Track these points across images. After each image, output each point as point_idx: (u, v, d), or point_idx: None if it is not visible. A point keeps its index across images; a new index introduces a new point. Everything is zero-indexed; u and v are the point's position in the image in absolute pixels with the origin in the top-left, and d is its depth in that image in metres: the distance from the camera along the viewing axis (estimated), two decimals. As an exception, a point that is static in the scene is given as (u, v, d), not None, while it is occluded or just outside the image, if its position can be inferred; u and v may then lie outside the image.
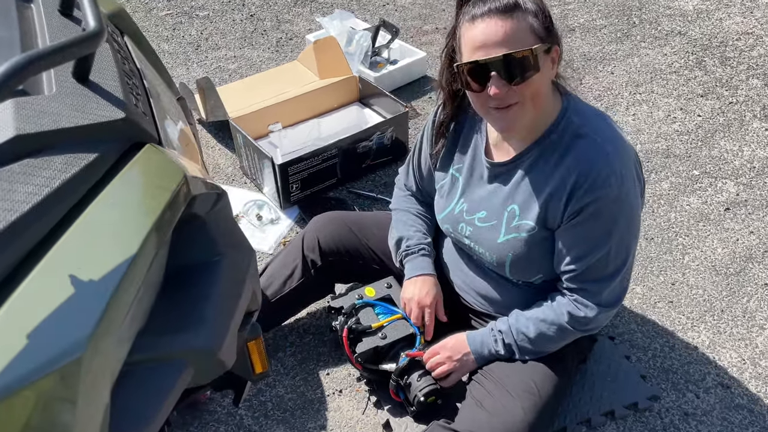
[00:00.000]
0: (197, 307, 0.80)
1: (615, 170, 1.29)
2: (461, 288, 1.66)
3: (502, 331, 1.51)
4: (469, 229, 1.52)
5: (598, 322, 1.47)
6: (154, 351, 0.72)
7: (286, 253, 1.79)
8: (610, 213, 1.32)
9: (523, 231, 1.42)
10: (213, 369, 0.79)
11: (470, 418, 1.43)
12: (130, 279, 0.65)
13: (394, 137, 2.42)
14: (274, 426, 1.69)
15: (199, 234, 0.90)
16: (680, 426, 1.66)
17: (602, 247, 1.35)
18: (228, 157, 2.59)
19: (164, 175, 0.78)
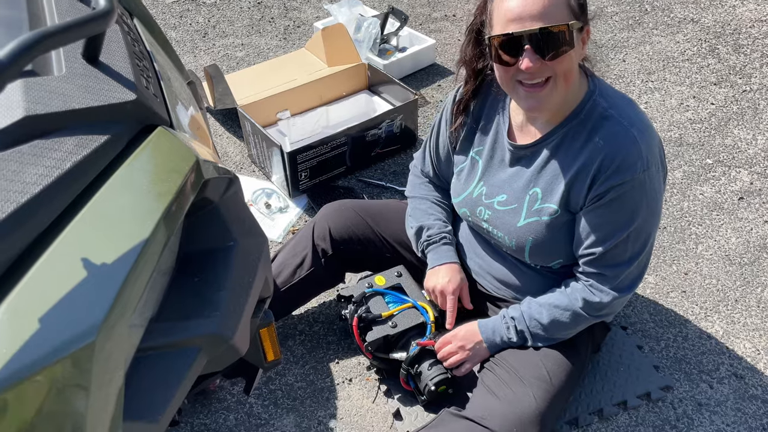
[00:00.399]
0: (210, 294, 0.78)
1: (641, 154, 1.27)
2: (477, 273, 1.64)
3: (514, 317, 1.49)
4: (488, 212, 1.50)
5: (613, 308, 1.45)
6: (167, 337, 0.71)
7: (296, 242, 1.77)
8: (634, 198, 1.30)
9: (545, 215, 1.40)
10: (227, 355, 0.78)
11: (481, 405, 1.42)
12: (143, 264, 0.63)
13: (404, 125, 2.39)
14: (283, 414, 1.68)
15: (211, 219, 0.88)
16: (693, 416, 1.65)
17: (623, 231, 1.33)
18: (236, 145, 2.57)
19: (176, 159, 0.76)
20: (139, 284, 0.64)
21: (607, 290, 1.41)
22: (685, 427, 1.62)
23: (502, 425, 1.34)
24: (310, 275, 1.72)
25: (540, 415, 1.37)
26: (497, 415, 1.37)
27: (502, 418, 1.36)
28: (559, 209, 1.38)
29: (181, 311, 0.75)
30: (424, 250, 1.66)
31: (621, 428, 1.62)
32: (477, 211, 1.52)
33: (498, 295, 1.62)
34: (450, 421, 1.42)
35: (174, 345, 0.71)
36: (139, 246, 0.62)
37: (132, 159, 0.72)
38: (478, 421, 1.37)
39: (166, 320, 0.73)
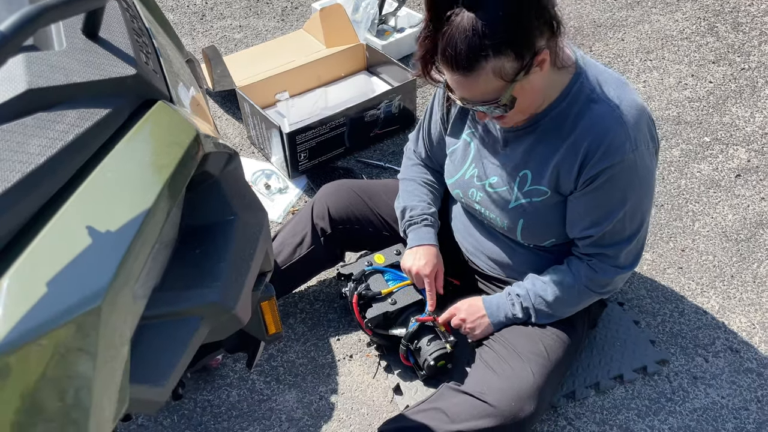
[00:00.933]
0: (212, 265, 0.80)
1: (629, 136, 1.28)
2: (471, 253, 1.66)
3: (519, 294, 1.52)
4: (480, 194, 1.51)
5: (616, 283, 1.48)
6: (170, 306, 0.73)
7: (295, 222, 1.79)
8: (625, 179, 1.32)
9: (536, 196, 1.41)
10: (228, 325, 0.79)
11: (480, 380, 1.44)
12: (146, 233, 0.65)
13: (402, 106, 2.40)
14: (285, 390, 1.71)
15: (213, 193, 0.90)
16: (689, 389, 1.67)
17: (617, 212, 1.35)
18: (235, 126, 2.58)
19: (176, 132, 0.77)
20: (143, 252, 0.66)
21: (609, 267, 1.43)
22: (681, 400, 1.65)
23: (501, 399, 1.37)
24: (310, 254, 1.74)
25: (538, 389, 1.39)
26: (496, 389, 1.39)
27: (500, 392, 1.38)
28: (549, 191, 1.39)
29: (183, 281, 0.77)
30: (405, 230, 1.67)
31: (617, 401, 1.65)
32: (469, 193, 1.54)
33: (492, 275, 1.63)
34: (449, 396, 1.45)
35: (177, 314, 0.72)
36: (141, 215, 0.64)
37: (133, 132, 0.73)
38: (477, 396, 1.39)
39: (169, 290, 0.75)
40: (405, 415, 1.47)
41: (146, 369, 0.67)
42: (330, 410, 1.66)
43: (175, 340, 0.71)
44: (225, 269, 0.79)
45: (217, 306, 0.75)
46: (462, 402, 1.41)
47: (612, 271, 1.43)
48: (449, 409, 1.41)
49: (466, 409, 1.39)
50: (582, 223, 1.39)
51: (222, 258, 0.81)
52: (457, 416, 1.39)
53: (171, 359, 0.69)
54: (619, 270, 1.44)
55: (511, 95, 1.20)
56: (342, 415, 1.65)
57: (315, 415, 1.65)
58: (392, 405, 1.67)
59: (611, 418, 1.62)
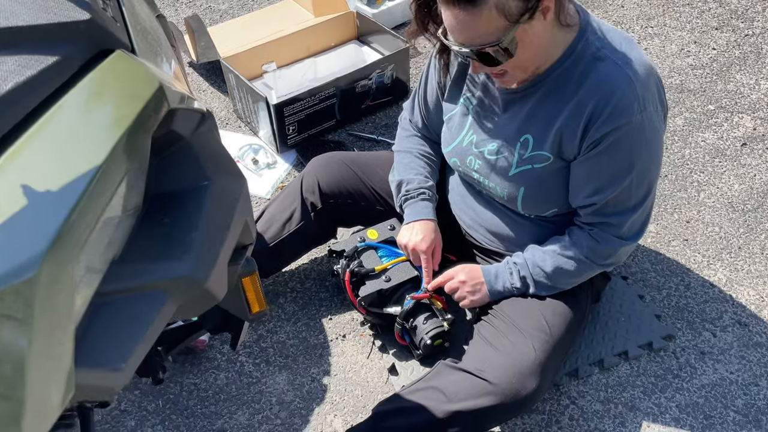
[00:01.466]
0: (182, 235, 0.71)
1: (637, 96, 1.19)
2: (469, 226, 1.58)
3: (517, 263, 1.44)
4: (478, 162, 1.43)
5: (619, 256, 1.40)
6: (132, 280, 0.64)
7: (284, 196, 1.70)
8: (632, 143, 1.23)
9: (537, 162, 1.33)
10: (201, 301, 0.71)
11: (479, 356, 1.37)
12: (95, 195, 0.56)
13: (395, 76, 2.30)
14: (276, 372, 1.63)
15: (183, 157, 0.81)
16: (696, 365, 1.61)
17: (623, 178, 1.26)
18: (221, 100, 2.47)
19: (136, 83, 0.68)
20: (90, 216, 0.57)
21: (612, 238, 1.35)
22: (688, 376, 1.58)
23: (501, 377, 1.29)
24: (300, 230, 1.66)
25: (540, 365, 1.32)
26: (495, 366, 1.32)
27: (500, 369, 1.31)
28: (552, 156, 1.31)
29: (148, 253, 0.68)
30: (402, 205, 1.59)
31: (622, 378, 1.58)
32: (467, 161, 1.45)
33: (491, 248, 1.55)
34: (446, 373, 1.38)
35: (140, 288, 0.64)
36: (89, 174, 0.55)
37: (85, 82, 0.64)
38: (476, 373, 1.32)
39: (132, 262, 0.66)
40: (400, 395, 1.40)
41: (102, 351, 0.58)
42: (322, 392, 1.59)
43: (136, 319, 0.62)
44: (196, 239, 0.70)
45: (187, 279, 0.67)
46: (460, 380, 1.34)
47: (615, 241, 1.36)
48: (446, 387, 1.34)
49: (465, 387, 1.32)
50: (585, 189, 1.31)
51: (193, 227, 0.72)
52: (454, 395, 1.32)
53: (131, 340, 0.60)
54: (623, 241, 1.36)
55: (514, 38, 1.11)
56: (335, 397, 1.58)
57: (307, 397, 1.58)
58: (387, 386, 1.60)
59: (616, 396, 1.55)
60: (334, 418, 1.54)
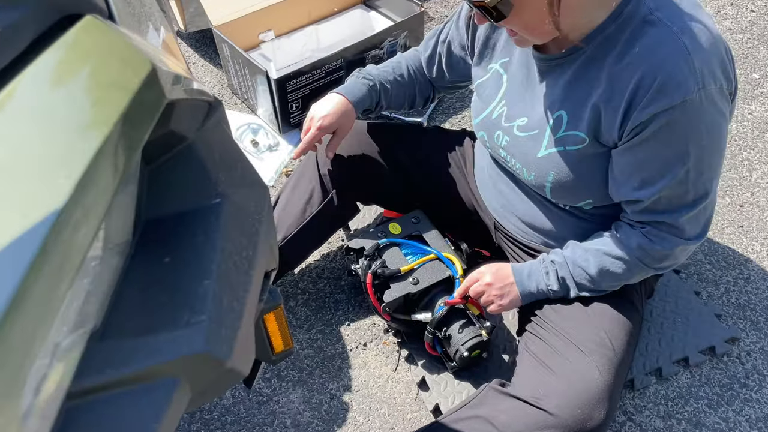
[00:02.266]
0: (188, 283, 0.50)
1: (694, 70, 0.96)
2: (500, 214, 1.37)
3: (555, 262, 1.22)
4: (506, 138, 1.22)
5: (677, 258, 1.17)
6: (123, 367, 0.43)
7: (299, 175, 1.48)
8: (687, 127, 1.00)
9: (571, 144, 1.12)
10: (222, 381, 0.50)
11: (533, 381, 1.17)
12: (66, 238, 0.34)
13: (408, 44, 2.06)
14: (289, 389, 1.43)
15: (186, 166, 0.59)
16: (765, 371, 1.42)
17: (677, 171, 1.04)
18: (214, 74, 2.22)
19: (118, 66, 0.45)
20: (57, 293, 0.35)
21: (669, 237, 1.13)
22: (756, 385, 1.40)
23: (563, 406, 1.09)
24: (323, 211, 1.44)
25: (608, 390, 1.11)
26: (555, 393, 1.11)
27: (561, 397, 1.10)
28: (588, 138, 1.09)
29: (143, 319, 0.46)
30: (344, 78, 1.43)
31: (683, 389, 1.40)
32: (495, 136, 1.25)
33: (524, 241, 1.34)
34: (495, 400, 1.17)
35: (135, 379, 0.43)
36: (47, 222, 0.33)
37: (38, 66, 0.41)
38: (532, 402, 1.12)
39: (120, 337, 0.45)
40: (441, 425, 1.20)
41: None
42: (344, 412, 1.39)
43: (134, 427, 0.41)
44: (211, 290, 0.49)
45: (202, 357, 0.45)
46: (512, 409, 1.14)
47: (672, 240, 1.13)
48: (496, 418, 1.14)
49: (519, 417, 1.12)
50: (630, 183, 1.09)
51: (206, 271, 0.50)
52: (507, 427, 1.12)
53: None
54: (682, 240, 1.13)
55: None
56: (359, 418, 1.38)
57: (326, 418, 1.38)
58: (417, 403, 1.40)
59: (678, 411, 1.37)
60: (358, 442, 1.35)
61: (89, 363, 0.42)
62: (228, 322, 0.48)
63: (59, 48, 0.44)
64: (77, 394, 0.40)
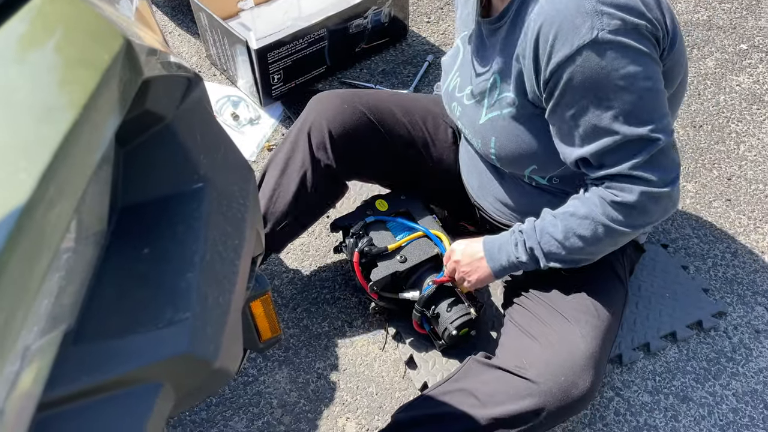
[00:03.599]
0: (170, 277, 0.46)
1: (586, 12, 0.91)
2: (477, 193, 1.35)
3: (523, 231, 1.15)
4: (459, 108, 1.24)
5: (647, 210, 1.04)
6: (100, 373, 0.39)
7: (286, 155, 1.37)
8: (595, 73, 0.94)
9: (505, 107, 1.11)
10: (209, 384, 0.47)
11: (516, 350, 1.15)
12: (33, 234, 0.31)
13: (392, 14, 2.00)
14: (275, 369, 1.41)
15: (164, 148, 0.55)
16: (751, 346, 1.43)
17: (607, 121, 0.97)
18: (191, 44, 2.14)
19: (88, 39, 0.41)
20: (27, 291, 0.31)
21: (628, 186, 1.02)
22: (743, 359, 1.41)
23: (546, 374, 1.07)
24: (314, 193, 1.36)
25: (593, 357, 1.09)
26: (539, 362, 1.09)
27: (544, 365, 1.08)
28: (517, 99, 1.08)
29: (121, 318, 0.43)
30: None
31: (671, 364, 1.40)
32: (452, 107, 1.26)
33: (502, 220, 1.31)
34: (478, 372, 1.16)
35: (113, 385, 0.39)
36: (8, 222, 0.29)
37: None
38: (515, 371, 1.10)
39: (96, 338, 0.41)
40: (424, 399, 1.18)
41: None
42: (331, 391, 1.37)
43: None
44: (194, 284, 0.45)
45: (186, 359, 0.42)
46: (495, 379, 1.12)
47: (633, 189, 1.02)
48: (479, 389, 1.13)
49: (502, 388, 1.10)
50: (569, 143, 1.03)
51: (188, 263, 0.47)
52: (490, 398, 1.10)
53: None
54: (645, 187, 1.01)
55: None
56: (346, 397, 1.37)
57: (313, 398, 1.36)
58: (405, 381, 1.39)
59: (665, 386, 1.37)
60: (346, 422, 1.34)
61: (63, 369, 0.38)
62: (214, 319, 0.45)
63: (21, 20, 0.39)
64: (50, 403, 0.37)
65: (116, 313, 0.43)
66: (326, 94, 1.40)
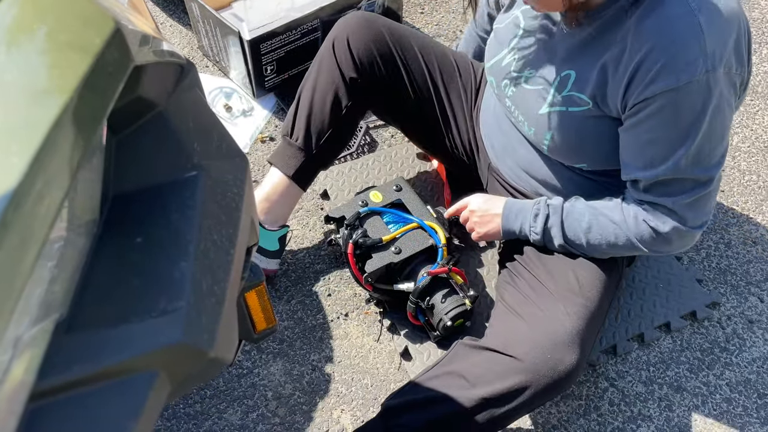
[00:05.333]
0: (163, 266, 0.45)
1: (705, 50, 0.92)
2: (498, 155, 1.35)
3: (551, 205, 1.20)
4: (512, 88, 1.21)
5: (672, 243, 1.11)
6: (93, 362, 0.38)
7: (316, 74, 1.41)
8: (690, 109, 0.97)
9: (574, 105, 1.09)
10: (205, 371, 0.46)
11: (503, 330, 1.16)
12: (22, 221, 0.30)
13: (386, 5, 1.98)
14: (270, 361, 1.40)
15: (156, 135, 0.54)
16: (745, 336, 1.43)
17: (678, 155, 1.01)
18: (183, 35, 2.12)
19: (79, 24, 0.40)
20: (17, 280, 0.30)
21: (665, 218, 1.09)
22: (737, 349, 1.41)
23: (532, 352, 1.07)
24: (348, 112, 1.40)
25: (578, 335, 1.09)
26: (523, 339, 1.10)
27: (529, 342, 1.09)
28: (591, 102, 1.07)
29: (113, 308, 0.42)
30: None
31: (665, 354, 1.40)
32: (503, 84, 1.24)
33: (516, 185, 1.32)
34: (466, 355, 1.17)
35: (107, 375, 0.38)
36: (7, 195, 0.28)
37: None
38: (500, 350, 1.10)
39: (88, 328, 0.40)
40: (413, 386, 1.18)
41: None
42: (326, 383, 1.37)
43: (108, 426, 0.37)
44: (189, 273, 0.45)
45: (181, 348, 0.41)
46: (483, 361, 1.12)
47: (669, 222, 1.09)
48: (467, 370, 1.13)
49: (489, 367, 1.11)
50: (635, 163, 1.07)
51: (182, 252, 0.46)
52: (478, 378, 1.11)
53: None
54: (680, 225, 1.08)
55: None
56: (341, 389, 1.36)
57: (308, 390, 1.36)
58: (401, 372, 1.39)
59: (659, 376, 1.37)
60: (341, 414, 1.33)
61: (55, 358, 0.38)
62: (209, 309, 0.44)
63: (10, 4, 0.38)
64: (42, 393, 0.36)
65: (109, 302, 0.42)
66: (352, 14, 1.45)
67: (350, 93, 1.39)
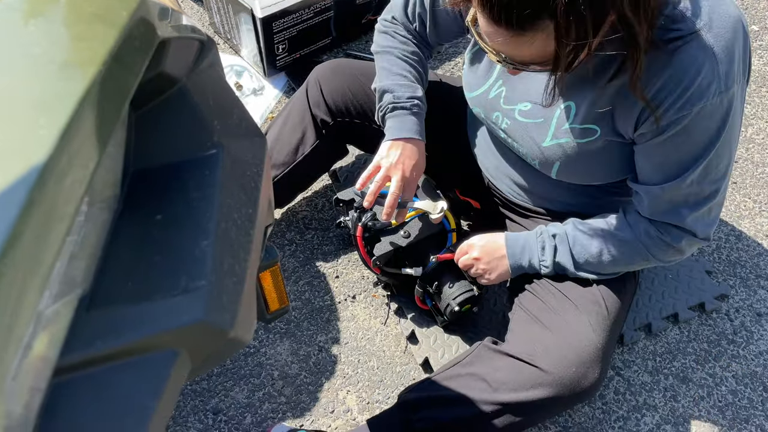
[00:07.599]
0: (184, 243, 0.45)
1: (719, 74, 0.89)
2: (493, 175, 1.31)
3: (556, 236, 1.16)
4: (506, 121, 1.14)
5: (683, 252, 1.11)
6: (115, 339, 0.38)
7: (289, 113, 1.43)
8: (704, 129, 0.95)
9: (581, 137, 1.04)
10: (222, 352, 0.46)
11: (528, 338, 1.14)
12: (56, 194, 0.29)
13: None
14: (277, 341, 1.40)
15: (177, 112, 0.53)
16: (752, 329, 1.43)
17: (690, 170, 0.99)
18: (194, 11, 2.11)
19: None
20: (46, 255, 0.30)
21: (677, 232, 1.08)
22: (744, 342, 1.41)
23: (557, 364, 1.07)
24: (315, 151, 1.41)
25: (602, 349, 1.09)
26: (549, 351, 1.09)
27: (556, 354, 1.08)
28: (600, 130, 1.02)
29: (135, 285, 0.42)
30: (385, 116, 1.25)
31: (672, 345, 1.40)
32: (493, 117, 1.17)
33: (518, 201, 1.30)
34: (489, 358, 1.15)
35: (128, 352, 0.38)
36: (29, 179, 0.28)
37: None
38: (526, 360, 1.10)
39: (110, 304, 0.40)
40: (433, 382, 1.18)
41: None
42: (332, 364, 1.38)
43: (130, 403, 0.37)
44: (210, 252, 0.44)
45: (204, 327, 0.41)
46: (507, 366, 1.12)
47: (679, 235, 1.07)
48: (490, 375, 1.12)
49: (512, 376, 1.10)
50: (651, 182, 1.04)
51: (203, 230, 0.46)
52: (502, 384, 1.11)
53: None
54: (689, 236, 1.07)
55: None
56: (347, 370, 1.37)
57: (314, 370, 1.37)
58: (407, 356, 1.39)
59: (665, 366, 1.37)
60: (347, 395, 1.34)
61: (77, 334, 0.38)
62: (230, 288, 0.44)
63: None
64: (65, 368, 0.36)
65: (131, 279, 0.42)
66: (326, 63, 1.44)
67: (317, 135, 1.40)
